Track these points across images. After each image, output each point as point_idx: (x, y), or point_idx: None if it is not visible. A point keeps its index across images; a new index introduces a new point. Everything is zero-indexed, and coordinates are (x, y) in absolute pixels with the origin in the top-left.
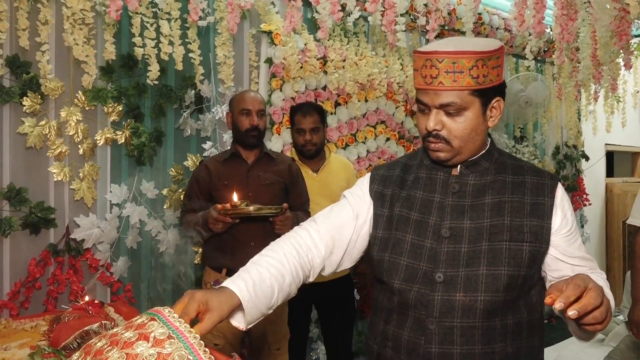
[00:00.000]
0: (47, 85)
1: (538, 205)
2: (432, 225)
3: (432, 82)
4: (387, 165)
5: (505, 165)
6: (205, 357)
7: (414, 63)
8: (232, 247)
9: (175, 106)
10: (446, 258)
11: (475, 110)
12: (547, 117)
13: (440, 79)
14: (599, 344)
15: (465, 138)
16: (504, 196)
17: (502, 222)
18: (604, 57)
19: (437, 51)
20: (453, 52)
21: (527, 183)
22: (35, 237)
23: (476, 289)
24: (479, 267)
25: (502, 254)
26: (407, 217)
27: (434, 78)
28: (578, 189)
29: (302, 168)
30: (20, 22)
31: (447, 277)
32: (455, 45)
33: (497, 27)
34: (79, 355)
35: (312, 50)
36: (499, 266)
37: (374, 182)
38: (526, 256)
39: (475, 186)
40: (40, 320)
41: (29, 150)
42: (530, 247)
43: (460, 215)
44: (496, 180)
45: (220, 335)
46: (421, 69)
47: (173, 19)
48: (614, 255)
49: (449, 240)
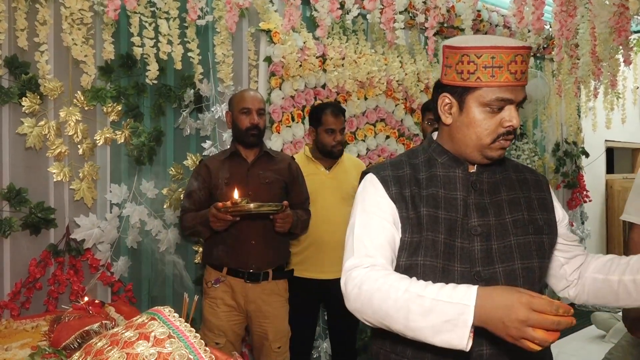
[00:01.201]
0: (46, 85)
1: (543, 200)
2: (460, 224)
3: (521, 78)
4: (389, 165)
5: (505, 163)
6: (205, 356)
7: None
8: (232, 245)
9: (175, 105)
10: (481, 256)
11: None
12: (546, 113)
13: (527, 74)
14: (600, 340)
15: None
16: (517, 192)
17: (523, 217)
18: (604, 53)
19: (525, 46)
20: (531, 48)
21: (529, 180)
22: (35, 238)
23: (516, 283)
24: (514, 262)
25: (531, 247)
26: (435, 216)
27: (523, 73)
28: (578, 185)
29: (315, 165)
30: (18, 22)
31: (486, 274)
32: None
33: (496, 24)
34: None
35: (311, 48)
36: (530, 259)
37: (388, 184)
38: (547, 247)
39: (489, 183)
40: (41, 321)
41: (29, 151)
42: (548, 238)
43: (484, 212)
44: (505, 178)
45: (221, 334)
46: (508, 65)
47: (172, 18)
48: (615, 252)
49: (480, 238)
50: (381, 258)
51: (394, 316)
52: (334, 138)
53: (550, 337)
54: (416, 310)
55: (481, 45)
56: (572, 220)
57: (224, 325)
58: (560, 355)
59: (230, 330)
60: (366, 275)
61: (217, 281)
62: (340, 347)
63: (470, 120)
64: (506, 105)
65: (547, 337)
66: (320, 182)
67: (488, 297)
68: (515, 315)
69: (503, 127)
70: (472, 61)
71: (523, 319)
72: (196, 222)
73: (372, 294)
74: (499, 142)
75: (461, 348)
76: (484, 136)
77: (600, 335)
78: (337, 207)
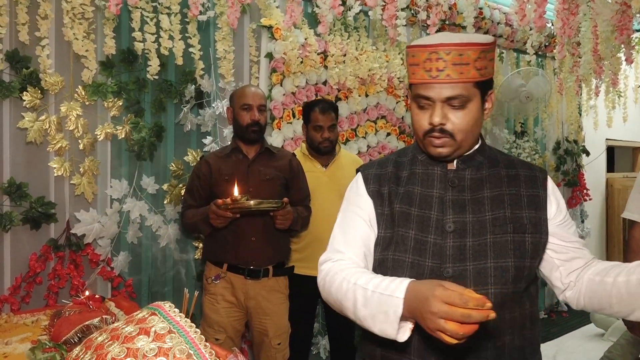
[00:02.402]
0: (47, 80)
1: (534, 197)
2: (434, 221)
3: (438, 76)
4: (377, 163)
5: (497, 160)
6: (206, 351)
7: (411, 58)
8: (233, 242)
9: (176, 101)
10: (452, 253)
11: (476, 102)
12: (547, 112)
13: (448, 71)
14: (599, 338)
15: (467, 131)
16: (502, 189)
17: (504, 214)
18: (605, 51)
19: (444, 43)
20: (461, 44)
21: (521, 176)
22: (35, 232)
23: (486, 282)
24: (487, 260)
25: (508, 246)
26: (408, 213)
27: (440, 71)
28: (579, 184)
29: (312, 162)
30: (20, 16)
31: (455, 271)
32: (459, 38)
33: (498, 21)
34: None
35: (313, 44)
36: (505, 258)
37: (369, 182)
38: (529, 247)
39: (472, 180)
40: (41, 315)
41: (29, 145)
42: (532, 238)
43: (462, 209)
44: (492, 174)
45: (221, 330)
46: (423, 63)
47: (173, 13)
48: (614, 250)
49: (454, 235)
50: (350, 253)
51: (346, 306)
52: (322, 135)
53: (461, 329)
54: (360, 300)
55: (411, 44)
56: (572, 219)
57: (224, 322)
58: (560, 353)
59: (230, 326)
60: (331, 269)
61: (217, 277)
62: (339, 344)
63: (411, 115)
64: (431, 104)
65: (457, 329)
66: (317, 179)
67: (415, 290)
68: (429, 307)
69: (428, 125)
70: (408, 60)
71: (434, 311)
72: (196, 218)
73: (331, 285)
74: (428, 139)
75: (394, 338)
76: (418, 132)
77: (599, 333)
78: (335, 204)
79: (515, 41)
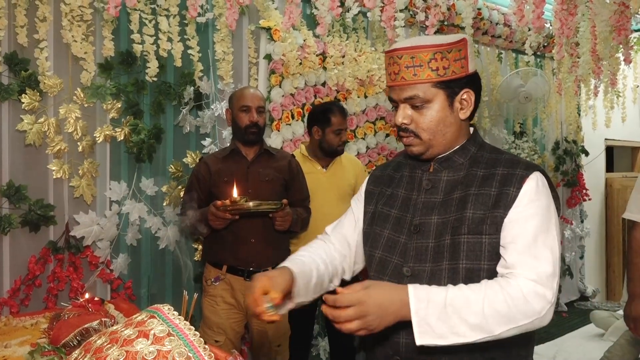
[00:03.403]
0: (46, 82)
1: (502, 196)
2: (407, 222)
3: (395, 78)
4: (383, 165)
5: (480, 160)
6: (205, 354)
7: (384, 63)
8: (232, 243)
9: (174, 103)
10: (415, 253)
11: (440, 102)
12: (546, 112)
13: (402, 74)
14: (599, 338)
15: (433, 130)
16: (471, 190)
17: (465, 215)
18: (604, 51)
19: (397, 48)
20: (410, 47)
21: (497, 175)
22: (34, 235)
23: (440, 283)
24: (442, 262)
25: (460, 248)
26: (387, 214)
27: (396, 74)
28: (578, 184)
29: (312, 164)
30: (18, 18)
31: (414, 271)
32: (414, 42)
33: (496, 22)
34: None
35: (311, 46)
36: (457, 260)
37: (369, 182)
38: (485, 249)
39: (447, 182)
40: (40, 318)
41: (28, 148)
42: (489, 239)
43: (429, 211)
44: (467, 175)
45: (220, 332)
46: (387, 67)
47: (172, 15)
48: (614, 250)
49: (418, 236)
50: (333, 236)
51: None
52: (341, 138)
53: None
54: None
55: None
56: (571, 219)
57: (223, 323)
58: (559, 354)
59: (229, 328)
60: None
61: (216, 279)
62: (339, 346)
63: None
64: (397, 105)
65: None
66: (317, 180)
67: None
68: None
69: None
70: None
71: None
72: (196, 220)
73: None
74: (400, 137)
75: None
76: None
77: (599, 333)
78: (334, 206)
79: (514, 42)
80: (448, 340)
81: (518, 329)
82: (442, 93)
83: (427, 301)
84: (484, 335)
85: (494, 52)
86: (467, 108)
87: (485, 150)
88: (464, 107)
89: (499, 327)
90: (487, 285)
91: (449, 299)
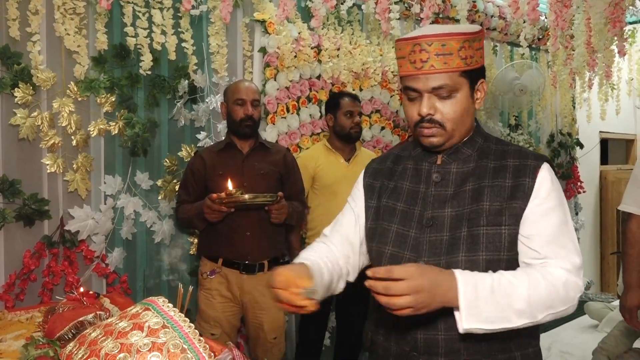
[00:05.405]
0: (39, 76)
1: (519, 187)
2: (416, 216)
3: (422, 67)
4: (380, 157)
5: (489, 151)
6: (200, 346)
7: (398, 52)
8: (228, 236)
9: (169, 96)
10: (429, 247)
11: (465, 91)
12: (541, 104)
13: (432, 62)
14: (593, 329)
15: (457, 120)
16: (484, 181)
17: (482, 207)
18: (598, 44)
19: (426, 35)
20: (442, 35)
21: (509, 166)
22: (29, 229)
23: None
24: (458, 254)
25: (480, 240)
26: (393, 208)
27: (424, 62)
28: (572, 176)
29: (335, 156)
30: (10, 12)
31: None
32: (439, 29)
33: (491, 14)
34: (73, 346)
35: (306, 39)
36: (476, 252)
37: (367, 175)
38: (505, 240)
39: (457, 174)
40: (35, 312)
41: (22, 142)
42: (509, 230)
43: (442, 204)
44: (478, 167)
45: (216, 325)
46: (409, 56)
47: (165, 8)
48: (608, 242)
49: (431, 229)
50: (332, 238)
51: None
52: (352, 120)
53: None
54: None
55: (398, 38)
56: None
57: (219, 317)
58: (554, 345)
59: (225, 321)
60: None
61: (212, 272)
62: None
63: (403, 108)
64: (419, 95)
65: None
66: (341, 173)
67: None
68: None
69: (417, 115)
70: (396, 54)
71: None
72: (191, 213)
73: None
74: (419, 130)
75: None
76: (410, 123)
77: (593, 324)
78: None
79: (509, 34)
80: (495, 325)
81: (554, 315)
82: (466, 83)
83: (475, 285)
84: (528, 321)
85: (489, 45)
86: (481, 98)
87: (491, 141)
88: (479, 97)
89: (540, 313)
90: (528, 273)
91: (495, 284)
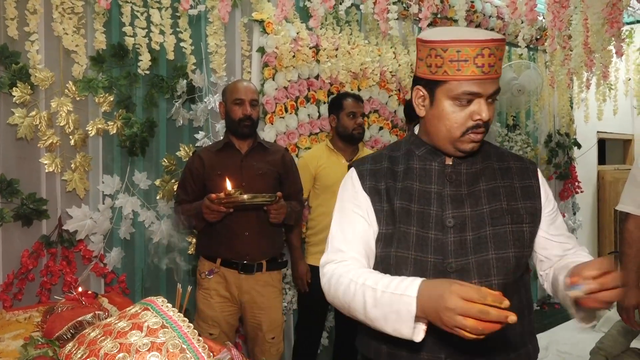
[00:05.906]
0: (37, 75)
1: (528, 188)
2: (434, 216)
3: (489, 71)
4: (370, 159)
5: (489, 153)
6: (199, 345)
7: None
8: (226, 236)
9: (167, 96)
10: (454, 248)
11: None
12: (539, 105)
13: (496, 67)
14: (591, 329)
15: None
16: (497, 182)
17: (501, 206)
18: (596, 44)
19: (494, 39)
20: (502, 40)
21: (513, 168)
22: (27, 229)
23: (489, 273)
24: (488, 252)
25: (507, 237)
26: (408, 209)
27: (491, 67)
28: (570, 176)
29: (337, 157)
30: (8, 11)
31: (458, 265)
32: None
33: (489, 14)
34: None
35: (305, 39)
36: (506, 249)
37: (364, 178)
38: (527, 237)
39: (468, 174)
40: (33, 312)
41: (20, 141)
42: (529, 228)
43: (460, 204)
44: (485, 168)
45: (215, 325)
46: (474, 59)
47: (164, 7)
48: (606, 242)
49: (454, 230)
50: (352, 252)
51: (355, 307)
52: (355, 121)
53: (480, 325)
54: (370, 302)
55: (447, 39)
56: (563, 212)
57: (217, 316)
58: (552, 344)
59: (224, 321)
60: (335, 270)
61: (210, 272)
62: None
63: (440, 113)
64: (475, 99)
65: (476, 325)
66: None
67: (427, 288)
68: (445, 303)
69: (472, 121)
70: (439, 55)
71: (452, 307)
72: (190, 213)
73: (337, 288)
74: (469, 135)
75: (409, 338)
76: (454, 129)
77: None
78: None
79: (507, 34)
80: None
81: None
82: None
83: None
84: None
85: None
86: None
87: (485, 144)
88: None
89: None
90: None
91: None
